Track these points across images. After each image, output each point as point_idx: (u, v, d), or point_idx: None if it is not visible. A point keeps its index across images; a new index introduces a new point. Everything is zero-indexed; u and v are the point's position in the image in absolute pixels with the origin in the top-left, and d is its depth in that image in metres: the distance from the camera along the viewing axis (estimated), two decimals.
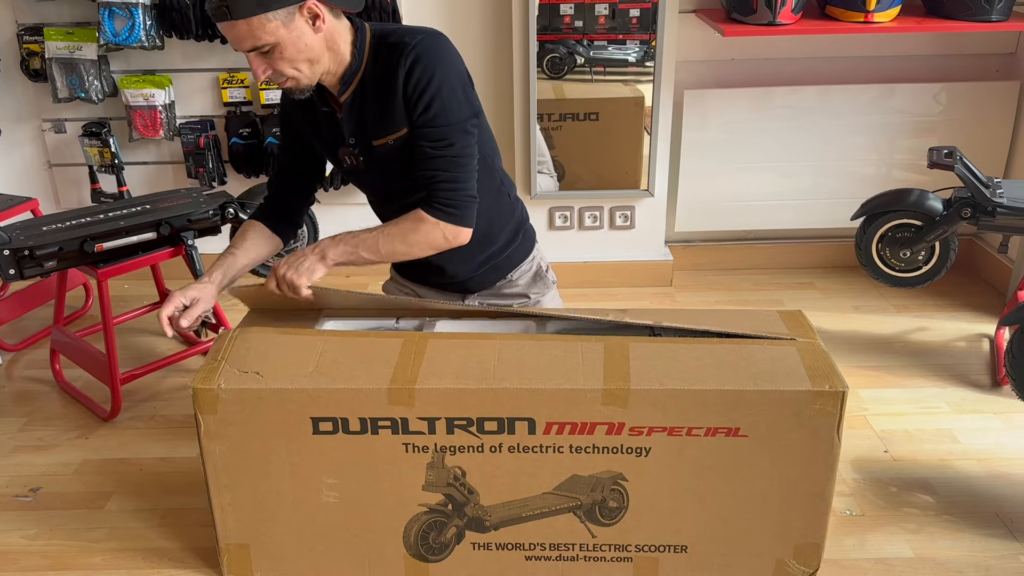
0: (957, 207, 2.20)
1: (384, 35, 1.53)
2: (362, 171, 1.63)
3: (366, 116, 1.55)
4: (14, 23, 2.72)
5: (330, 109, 1.59)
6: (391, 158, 1.57)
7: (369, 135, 1.56)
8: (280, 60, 1.46)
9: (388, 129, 1.54)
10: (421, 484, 1.51)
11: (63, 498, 1.93)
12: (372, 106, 1.54)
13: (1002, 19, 2.48)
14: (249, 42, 1.43)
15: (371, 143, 1.57)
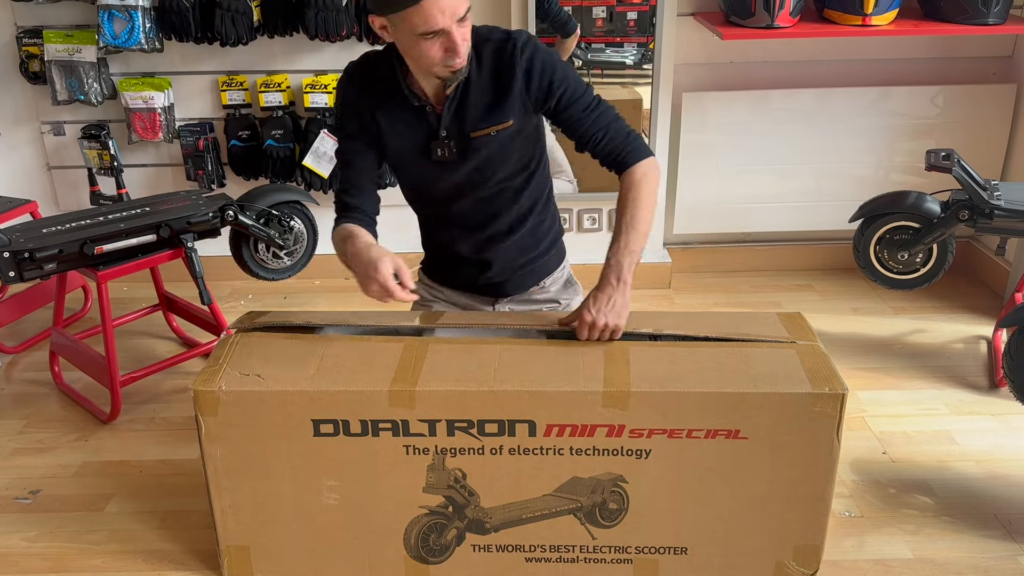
0: (955, 209, 2.21)
1: (478, 34, 1.55)
2: (452, 163, 1.62)
3: (466, 109, 1.57)
4: (13, 25, 2.72)
5: (421, 104, 1.58)
6: (487, 149, 1.60)
7: (467, 128, 1.58)
8: (468, 31, 1.47)
9: (492, 121, 1.58)
10: (422, 486, 1.52)
11: (63, 500, 1.93)
12: (476, 99, 1.56)
13: (999, 22, 2.49)
14: (464, 4, 1.42)
15: (468, 135, 1.58)
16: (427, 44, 1.43)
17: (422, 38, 1.43)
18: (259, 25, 2.62)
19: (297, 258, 2.46)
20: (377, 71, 1.60)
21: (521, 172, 1.68)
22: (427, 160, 1.62)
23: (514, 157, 1.64)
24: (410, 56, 1.50)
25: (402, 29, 1.44)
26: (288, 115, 2.76)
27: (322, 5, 2.53)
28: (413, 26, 1.41)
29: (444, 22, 1.40)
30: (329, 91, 2.71)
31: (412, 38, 1.44)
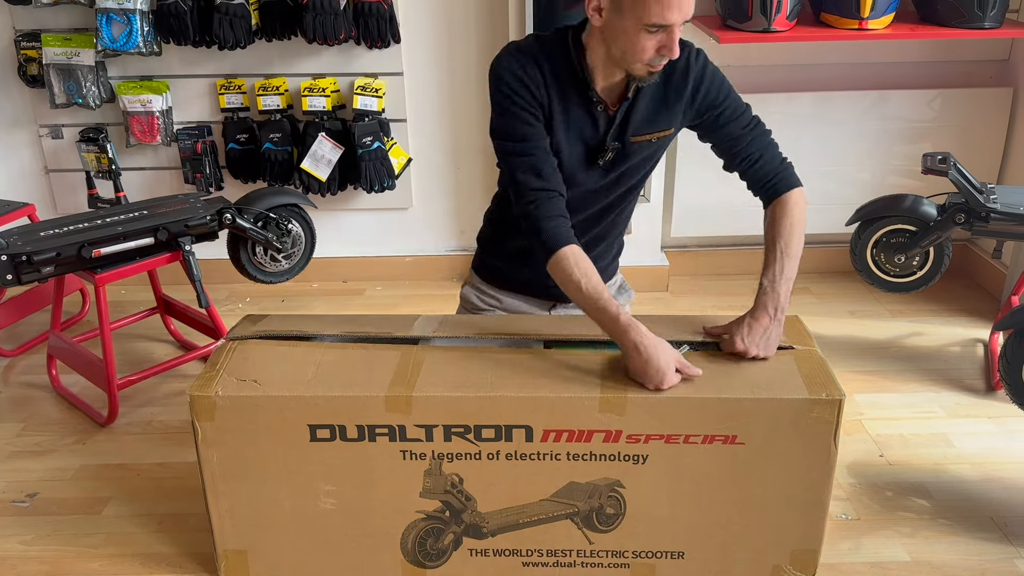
0: (951, 212, 2.21)
1: None
2: (604, 168, 1.59)
3: (634, 113, 1.55)
4: (11, 29, 2.73)
5: (597, 101, 1.53)
6: (638, 156, 1.60)
7: (630, 132, 1.56)
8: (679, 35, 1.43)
9: (655, 127, 1.58)
10: (419, 491, 1.52)
11: (60, 503, 1.93)
12: (645, 104, 1.55)
13: (995, 26, 2.49)
14: (692, 7, 1.40)
15: (629, 140, 1.57)
16: (647, 37, 1.40)
17: (646, 30, 1.39)
18: (257, 29, 2.62)
19: (295, 261, 2.47)
20: (555, 59, 1.50)
21: (637, 187, 1.69)
22: (587, 163, 1.57)
23: (649, 166, 1.65)
24: (619, 45, 1.43)
25: (628, 15, 1.39)
26: (286, 118, 2.76)
27: (320, 9, 2.53)
28: (646, 14, 1.37)
29: (675, 18, 1.38)
30: (327, 94, 2.71)
31: (636, 27, 1.39)
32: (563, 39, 1.52)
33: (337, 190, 2.82)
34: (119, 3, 2.54)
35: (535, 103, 1.50)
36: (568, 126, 1.53)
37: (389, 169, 2.78)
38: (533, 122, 1.50)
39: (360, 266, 3.04)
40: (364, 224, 3.01)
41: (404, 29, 2.71)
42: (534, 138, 1.51)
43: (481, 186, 2.96)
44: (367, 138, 2.71)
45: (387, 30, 2.62)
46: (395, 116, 2.82)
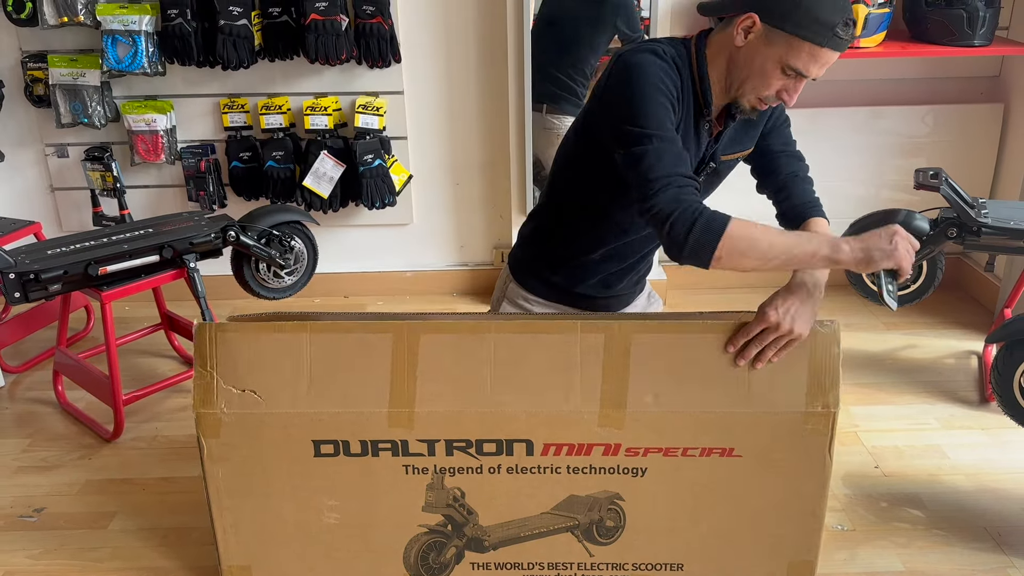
0: (943, 227, 2.24)
1: None
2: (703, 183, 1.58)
3: (727, 133, 1.56)
4: (18, 50, 2.77)
5: (708, 118, 1.50)
6: (724, 173, 1.63)
7: (722, 150, 1.57)
8: None
9: (742, 146, 1.61)
10: (421, 505, 1.54)
11: (67, 518, 1.95)
12: (737, 125, 1.56)
13: (985, 44, 2.54)
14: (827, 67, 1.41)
15: (720, 158, 1.58)
16: (779, 77, 1.39)
17: (783, 70, 1.38)
18: (260, 49, 2.67)
19: (298, 277, 2.50)
20: (683, 69, 1.46)
21: None
22: None
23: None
24: (749, 70, 1.41)
25: (776, 49, 1.37)
26: (289, 137, 2.80)
27: (322, 30, 2.58)
28: (793, 57, 1.36)
29: (815, 73, 1.38)
30: (329, 113, 2.76)
31: (776, 63, 1.38)
32: (687, 49, 1.48)
33: (339, 207, 2.86)
34: (124, 25, 2.59)
35: (672, 108, 1.43)
36: (686, 138, 1.49)
37: (390, 186, 2.82)
38: (673, 118, 1.43)
39: (361, 281, 3.08)
40: (365, 240, 3.05)
41: (404, 49, 2.75)
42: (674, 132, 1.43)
43: (480, 202, 3.00)
44: (368, 156, 2.75)
45: (388, 50, 2.67)
46: (396, 134, 2.86)
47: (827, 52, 1.36)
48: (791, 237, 1.38)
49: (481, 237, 3.06)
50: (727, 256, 1.33)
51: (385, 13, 2.62)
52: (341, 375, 1.49)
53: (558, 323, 1.50)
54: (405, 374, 1.49)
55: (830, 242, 1.35)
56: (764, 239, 1.33)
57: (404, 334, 1.47)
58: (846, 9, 1.36)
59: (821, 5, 1.34)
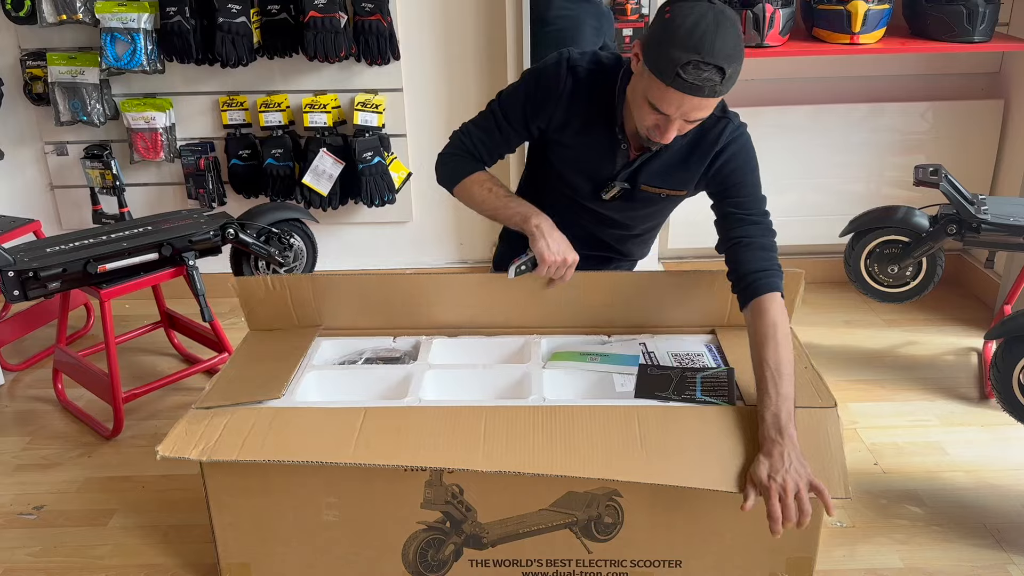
0: (943, 223, 2.24)
1: None
2: (608, 202, 1.66)
3: (653, 163, 1.58)
4: (17, 48, 2.77)
5: (620, 140, 1.57)
6: (648, 204, 1.66)
7: (642, 179, 1.60)
8: (691, 127, 1.46)
9: (670, 184, 1.61)
10: (419, 502, 1.54)
11: (66, 516, 1.96)
12: (667, 159, 1.57)
13: (984, 40, 2.54)
14: (702, 114, 1.42)
15: (640, 185, 1.61)
16: (648, 110, 1.43)
17: (648, 104, 1.42)
18: (259, 47, 2.67)
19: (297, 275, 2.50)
20: (597, 89, 1.54)
21: (653, 229, 1.81)
22: (595, 196, 1.66)
23: (660, 218, 1.76)
24: (632, 101, 1.48)
25: (643, 80, 1.42)
26: (288, 134, 2.80)
27: (321, 27, 2.58)
28: (649, 90, 1.40)
29: (672, 113, 1.40)
30: (328, 110, 2.76)
31: (642, 96, 1.43)
32: (615, 73, 1.54)
33: (338, 204, 2.86)
34: (123, 22, 2.59)
35: (542, 114, 1.58)
36: (586, 150, 1.58)
37: (389, 183, 2.82)
38: (518, 119, 1.62)
39: None
40: (365, 238, 3.05)
41: (403, 46, 2.75)
42: (510, 125, 1.64)
43: None
44: (368, 153, 2.75)
45: (387, 47, 2.67)
46: (395, 131, 2.86)
47: (672, 92, 1.35)
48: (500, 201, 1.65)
49: (480, 234, 3.06)
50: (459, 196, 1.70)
51: (384, 10, 2.62)
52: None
53: None
54: None
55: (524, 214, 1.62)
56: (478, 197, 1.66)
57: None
58: (699, 51, 1.32)
59: (673, 42, 1.34)
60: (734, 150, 1.57)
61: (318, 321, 1.80)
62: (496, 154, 1.70)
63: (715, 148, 1.55)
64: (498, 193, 1.66)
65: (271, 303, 1.78)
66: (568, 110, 1.56)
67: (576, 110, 1.56)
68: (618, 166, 1.60)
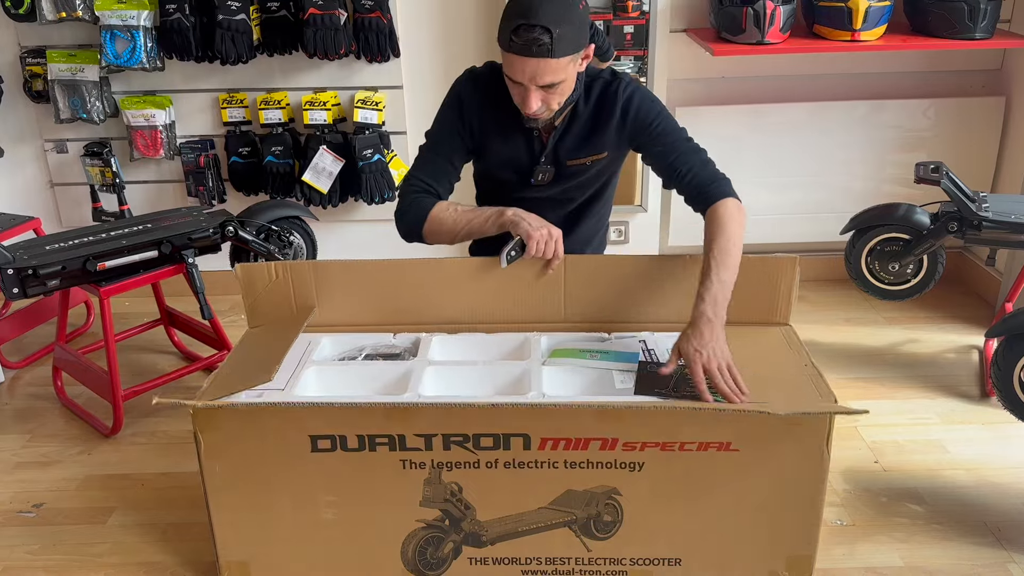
0: (944, 221, 2.24)
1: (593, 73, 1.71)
2: (544, 185, 1.77)
3: (567, 137, 1.71)
4: (17, 45, 2.77)
5: (532, 129, 1.70)
6: (577, 176, 1.76)
7: (564, 156, 1.73)
8: (555, 95, 1.59)
9: (589, 151, 1.73)
10: (418, 500, 1.54)
11: (66, 513, 1.96)
12: (578, 131, 1.71)
13: (986, 37, 2.53)
14: (550, 78, 1.54)
15: (565, 163, 1.73)
16: (512, 87, 1.60)
17: (510, 81, 1.59)
18: (259, 44, 2.66)
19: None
20: (501, 94, 1.68)
21: (598, 198, 1.84)
22: (525, 181, 1.77)
23: (597, 185, 1.80)
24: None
25: (503, 62, 1.59)
26: (288, 132, 2.80)
27: (320, 24, 2.57)
28: (504, 67, 1.59)
29: (522, 79, 1.55)
30: (328, 108, 2.75)
31: (506, 77, 1.60)
32: None
33: (338, 202, 2.85)
34: (123, 20, 2.58)
35: (463, 126, 1.73)
36: (508, 151, 1.74)
37: (389, 181, 2.81)
38: (453, 135, 1.74)
39: None
40: (365, 235, 3.04)
41: (403, 43, 2.74)
42: (445, 146, 1.75)
43: None
44: (368, 151, 2.75)
45: (387, 44, 2.66)
46: (395, 129, 2.86)
47: (511, 57, 1.54)
48: (471, 213, 1.71)
49: None
50: (431, 240, 1.74)
51: (384, 7, 2.61)
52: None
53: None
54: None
55: (496, 210, 1.68)
56: (450, 220, 1.70)
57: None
58: (524, 15, 1.49)
59: (506, 15, 1.54)
60: (637, 100, 1.69)
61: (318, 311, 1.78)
62: (444, 179, 1.76)
63: (618, 105, 1.68)
64: (465, 209, 1.73)
65: (273, 291, 1.77)
66: (481, 115, 1.72)
67: (488, 114, 1.72)
68: (537, 152, 1.73)
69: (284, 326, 1.73)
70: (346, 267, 1.76)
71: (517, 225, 1.66)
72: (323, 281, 1.76)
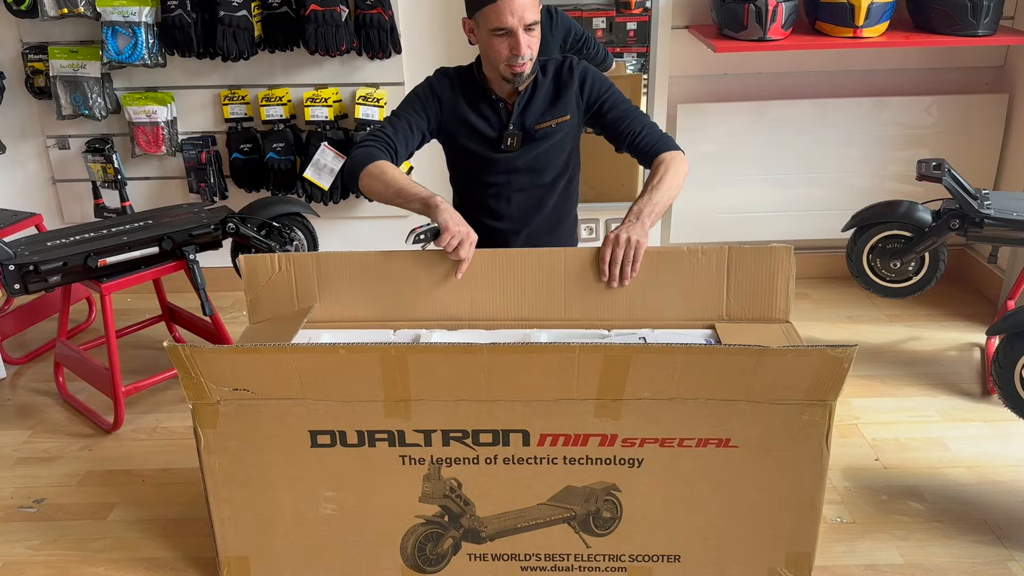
0: (945, 218, 2.23)
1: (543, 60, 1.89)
2: (515, 151, 1.89)
3: (532, 106, 1.87)
4: (19, 42, 2.77)
5: (496, 99, 1.87)
6: (546, 140, 1.89)
7: (531, 121, 1.87)
8: (535, 39, 1.77)
9: (554, 115, 1.88)
10: (418, 496, 1.54)
11: (67, 509, 1.96)
12: (541, 98, 1.87)
13: (989, 33, 2.52)
14: (532, 14, 1.73)
15: (533, 128, 1.87)
16: (498, 41, 1.74)
17: (494, 35, 1.73)
18: (260, 40, 2.66)
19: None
20: (466, 77, 1.90)
21: (564, 174, 1.95)
22: (497, 149, 1.89)
23: (563, 155, 1.92)
24: (486, 55, 1.80)
25: (481, 27, 1.76)
26: (289, 128, 2.80)
27: (322, 21, 2.57)
28: (488, 22, 1.73)
29: (512, 23, 1.71)
30: (329, 104, 2.75)
31: (487, 35, 1.74)
32: (472, 66, 1.89)
33: (339, 198, 2.85)
34: (124, 16, 2.59)
35: (432, 103, 1.88)
36: (479, 124, 1.88)
37: None
38: (418, 110, 1.87)
39: None
40: (365, 232, 3.04)
41: (405, 40, 2.74)
42: (407, 119, 1.87)
43: None
44: None
45: (388, 41, 2.66)
46: None
47: (501, 4, 1.70)
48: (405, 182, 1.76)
49: None
50: (364, 186, 1.80)
51: (385, 4, 2.61)
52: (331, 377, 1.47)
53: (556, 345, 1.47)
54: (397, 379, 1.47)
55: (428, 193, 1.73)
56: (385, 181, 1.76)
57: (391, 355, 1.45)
58: None
59: None
60: (591, 75, 1.89)
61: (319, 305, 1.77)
62: (401, 137, 1.85)
63: (575, 79, 1.87)
64: (403, 178, 1.79)
65: (276, 284, 1.76)
66: (452, 93, 1.88)
67: (457, 92, 1.88)
68: (504, 119, 1.88)
69: (284, 322, 1.74)
70: (349, 259, 1.76)
71: (439, 213, 1.69)
72: (325, 274, 1.76)
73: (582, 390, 1.46)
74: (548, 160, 1.91)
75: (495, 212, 1.95)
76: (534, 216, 1.96)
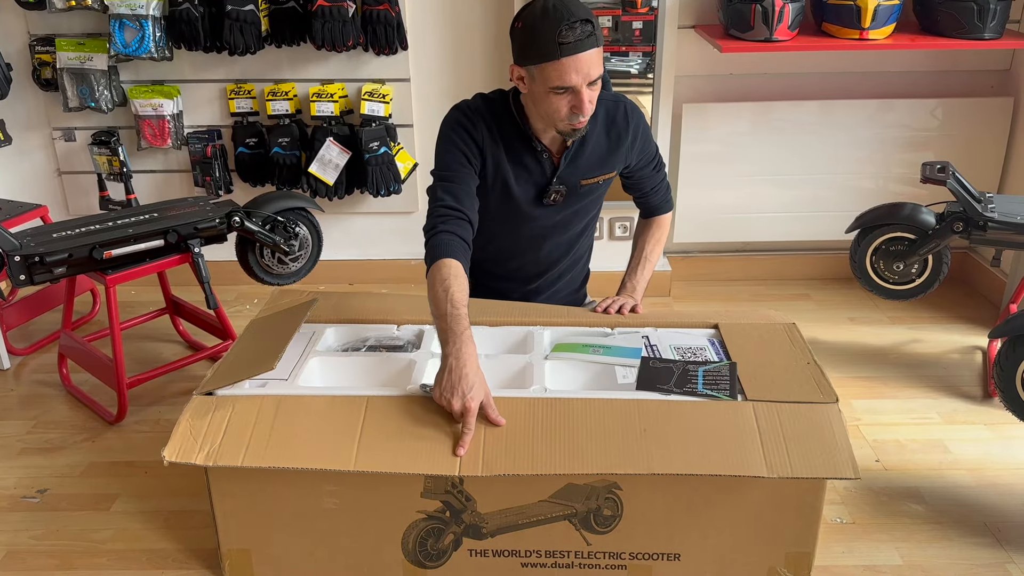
0: (949, 221, 2.23)
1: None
2: (558, 205, 1.79)
3: (580, 160, 1.74)
4: (26, 33, 2.78)
5: (541, 151, 1.72)
6: (588, 195, 1.81)
7: (579, 176, 1.76)
8: (596, 95, 1.60)
9: (603, 171, 1.78)
10: (420, 491, 1.55)
11: (70, 500, 1.97)
12: (591, 151, 1.74)
13: (995, 37, 2.52)
14: (598, 69, 1.56)
15: (579, 183, 1.76)
16: (557, 99, 1.57)
17: (553, 92, 1.56)
18: (267, 35, 2.67)
19: (302, 264, 2.50)
20: (501, 117, 1.70)
21: (596, 217, 1.91)
22: (538, 203, 1.77)
23: (600, 203, 1.88)
24: (540, 108, 1.62)
25: (538, 81, 1.57)
26: (295, 123, 2.80)
27: (329, 16, 2.57)
28: (548, 80, 1.55)
29: (576, 81, 1.54)
30: (335, 100, 2.76)
31: (545, 91, 1.57)
32: (505, 101, 1.71)
33: (344, 194, 2.86)
34: (132, 9, 2.59)
35: (475, 151, 1.69)
36: (518, 171, 1.73)
37: (395, 174, 2.82)
38: (465, 164, 1.69)
39: (366, 269, 3.09)
40: (370, 227, 3.05)
41: (411, 36, 2.75)
42: (461, 173, 1.69)
43: None
44: (374, 143, 2.75)
45: (395, 37, 2.67)
46: (402, 121, 2.86)
47: (564, 62, 1.52)
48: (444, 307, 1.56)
49: None
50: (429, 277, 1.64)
51: (392, 0, 2.61)
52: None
53: None
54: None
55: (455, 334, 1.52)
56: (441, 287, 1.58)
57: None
58: (562, 18, 1.51)
59: (539, 30, 1.53)
60: (642, 125, 1.79)
61: None
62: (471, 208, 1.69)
63: (629, 126, 1.76)
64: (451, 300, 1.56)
65: None
66: (494, 150, 1.70)
67: (499, 148, 1.71)
68: (548, 173, 1.74)
69: (287, 316, 1.74)
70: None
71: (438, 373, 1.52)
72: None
73: None
74: (586, 211, 1.84)
75: (522, 259, 1.88)
76: (562, 259, 1.91)
